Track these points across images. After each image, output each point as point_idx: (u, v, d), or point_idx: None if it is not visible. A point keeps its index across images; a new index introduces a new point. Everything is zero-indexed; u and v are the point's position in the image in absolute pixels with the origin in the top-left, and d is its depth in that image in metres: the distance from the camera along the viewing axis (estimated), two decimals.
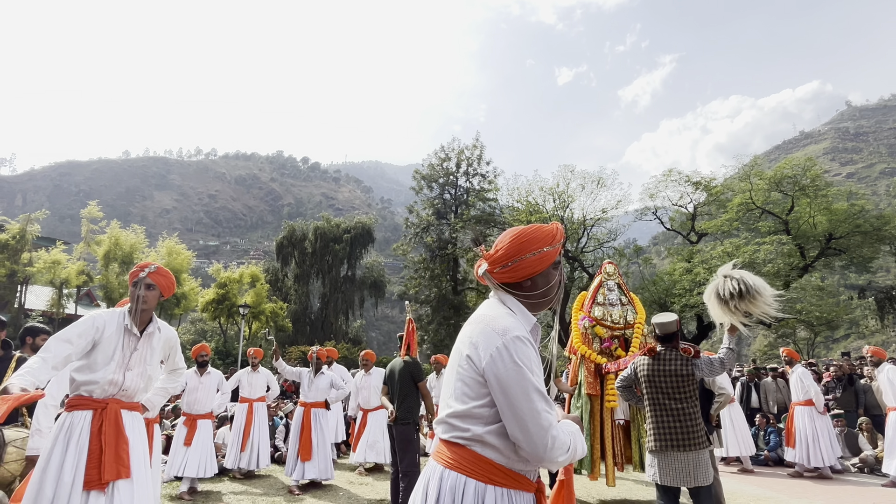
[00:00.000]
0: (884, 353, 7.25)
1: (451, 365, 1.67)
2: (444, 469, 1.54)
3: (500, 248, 1.69)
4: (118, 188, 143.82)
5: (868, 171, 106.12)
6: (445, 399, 1.64)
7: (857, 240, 20.03)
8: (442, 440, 1.61)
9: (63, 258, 23.56)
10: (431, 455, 1.66)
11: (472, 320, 1.68)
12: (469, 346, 1.58)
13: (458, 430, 1.55)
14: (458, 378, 1.58)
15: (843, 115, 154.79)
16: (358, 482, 6.90)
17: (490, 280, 1.71)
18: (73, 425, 2.72)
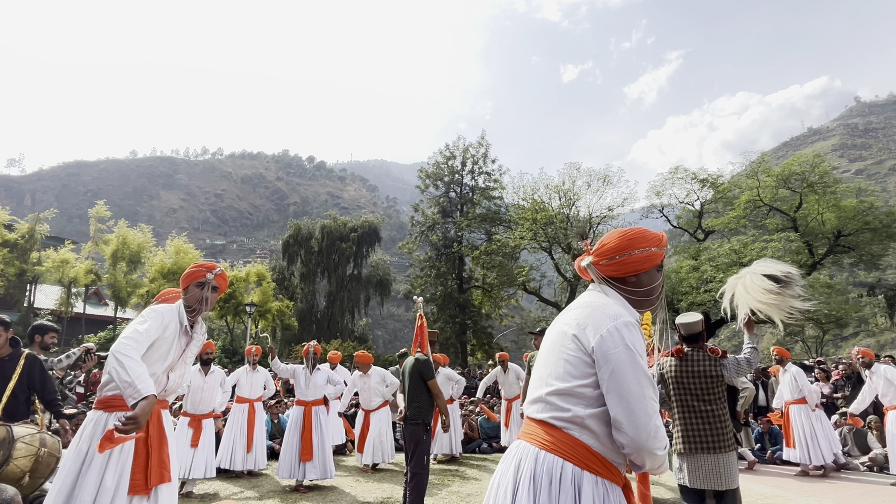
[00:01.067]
0: (872, 353, 7.22)
1: (550, 347, 1.68)
2: (539, 450, 1.53)
3: (607, 243, 1.77)
4: (126, 188, 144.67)
5: (877, 167, 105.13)
6: (544, 378, 1.64)
7: (866, 237, 19.85)
8: (536, 420, 1.60)
9: (71, 257, 23.74)
10: (520, 436, 1.65)
11: (575, 306, 1.72)
12: (575, 326, 1.60)
13: (559, 409, 1.55)
14: (562, 357, 1.59)
15: (851, 111, 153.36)
16: (364, 480, 6.91)
17: (594, 273, 1.78)
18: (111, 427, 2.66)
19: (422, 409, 4.75)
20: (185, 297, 2.89)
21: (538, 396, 1.62)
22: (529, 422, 1.64)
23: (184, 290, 2.91)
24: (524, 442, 1.60)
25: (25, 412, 4.24)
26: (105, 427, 2.56)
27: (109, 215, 25.59)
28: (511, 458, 1.61)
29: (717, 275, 19.70)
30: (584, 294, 1.79)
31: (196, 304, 2.88)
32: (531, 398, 1.65)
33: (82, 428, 2.62)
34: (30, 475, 3.65)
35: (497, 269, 26.18)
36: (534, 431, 1.59)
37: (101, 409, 2.66)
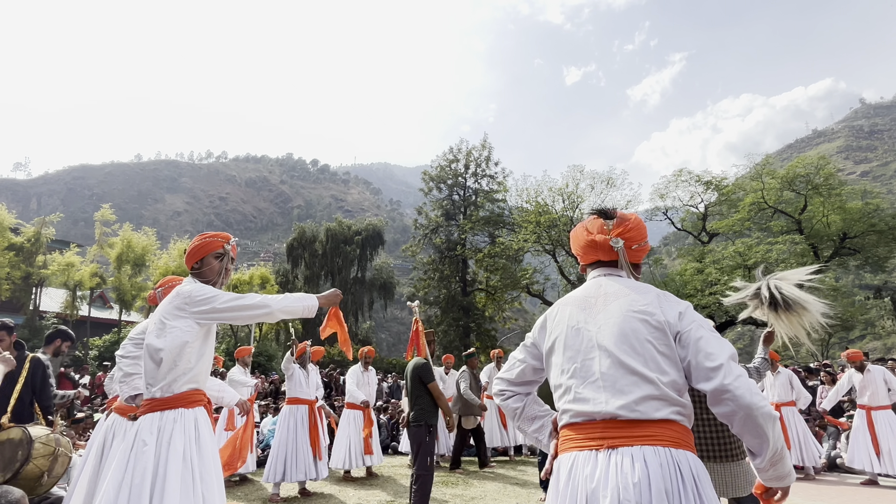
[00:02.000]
0: (861, 354, 7.26)
1: (619, 338, 1.55)
2: (673, 450, 1.44)
3: (632, 226, 1.74)
4: (130, 191, 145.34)
5: (883, 169, 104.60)
6: (629, 374, 1.50)
7: (872, 239, 19.76)
8: (650, 421, 1.46)
9: (77, 260, 23.83)
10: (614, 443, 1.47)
11: (613, 294, 1.64)
12: (655, 315, 1.55)
13: (676, 403, 1.49)
14: (651, 348, 1.51)
15: (856, 113, 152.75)
16: (365, 484, 6.89)
17: (623, 256, 1.72)
18: (201, 421, 2.49)
19: (424, 412, 4.79)
20: (201, 272, 2.64)
21: (645, 395, 1.47)
22: (631, 424, 1.46)
23: (197, 262, 2.65)
24: (644, 447, 1.44)
25: (31, 415, 4.26)
26: (196, 422, 2.41)
27: (114, 219, 25.69)
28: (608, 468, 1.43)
29: (722, 277, 19.64)
30: (605, 279, 1.71)
31: (215, 277, 2.66)
32: (642, 395, 1.47)
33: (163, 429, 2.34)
34: (47, 475, 3.72)
35: (500, 272, 26.16)
36: (654, 433, 1.45)
37: (181, 406, 2.42)
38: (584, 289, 1.75)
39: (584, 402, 1.54)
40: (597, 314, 1.63)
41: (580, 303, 1.69)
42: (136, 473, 2.25)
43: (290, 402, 6.32)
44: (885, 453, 6.64)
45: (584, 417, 1.54)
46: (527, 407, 1.87)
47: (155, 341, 2.43)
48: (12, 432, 3.72)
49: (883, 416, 6.78)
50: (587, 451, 1.50)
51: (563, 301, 1.78)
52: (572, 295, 1.76)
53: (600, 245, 1.75)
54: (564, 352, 1.65)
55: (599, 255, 1.77)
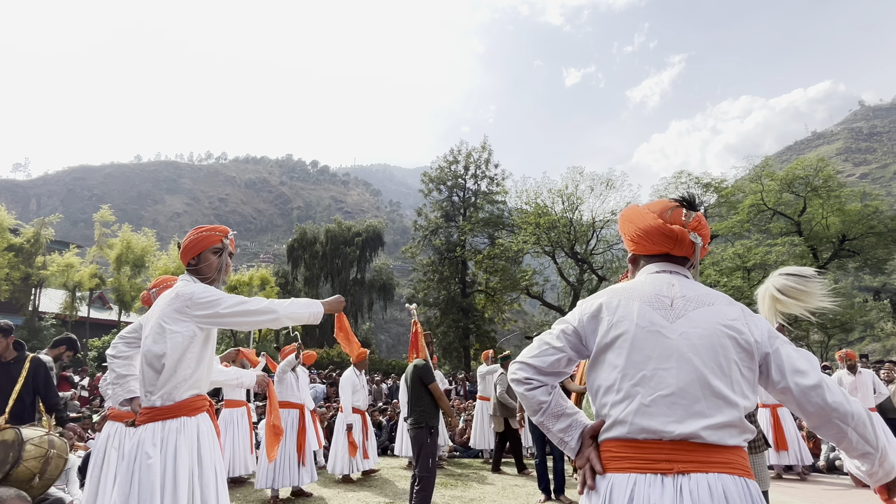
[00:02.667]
0: (855, 355, 7.32)
1: (705, 352, 1.40)
2: (743, 479, 1.35)
3: (705, 224, 1.61)
4: (130, 192, 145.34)
5: (882, 171, 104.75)
6: (723, 395, 1.37)
7: (871, 241, 19.79)
8: (724, 447, 1.35)
9: (76, 261, 23.83)
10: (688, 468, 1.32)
11: (694, 300, 1.48)
12: (732, 329, 1.42)
13: (748, 430, 1.39)
14: (735, 368, 1.39)
15: (856, 115, 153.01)
16: (362, 486, 6.89)
17: (697, 256, 1.59)
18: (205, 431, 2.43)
19: (425, 413, 4.77)
20: (198, 268, 2.51)
21: (727, 420, 1.34)
22: (704, 448, 1.33)
23: (194, 258, 2.52)
24: (722, 475, 1.32)
25: (31, 415, 4.27)
26: (198, 431, 2.35)
27: (114, 219, 25.69)
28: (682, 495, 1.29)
29: (721, 279, 19.67)
30: (674, 278, 1.55)
31: (214, 274, 2.54)
32: (723, 421, 1.35)
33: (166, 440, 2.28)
34: (39, 476, 3.69)
35: (500, 274, 26.18)
36: (729, 460, 1.34)
37: (183, 415, 2.33)
38: (651, 284, 1.54)
39: (652, 417, 1.36)
40: (676, 319, 1.44)
41: (652, 301, 1.48)
42: (143, 488, 2.18)
43: (281, 407, 6.14)
44: None
45: (650, 435, 1.36)
46: (554, 401, 1.59)
47: (154, 347, 2.32)
48: (6, 433, 3.70)
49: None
50: (651, 475, 1.32)
51: (622, 293, 1.54)
52: (635, 288, 1.54)
53: (678, 237, 1.56)
54: (630, 353, 1.43)
55: (670, 247, 1.58)
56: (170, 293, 2.44)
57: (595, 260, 25.12)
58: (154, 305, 2.55)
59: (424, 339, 5.20)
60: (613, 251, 25.48)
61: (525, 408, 1.62)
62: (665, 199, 1.66)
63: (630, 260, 1.73)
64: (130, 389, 3.09)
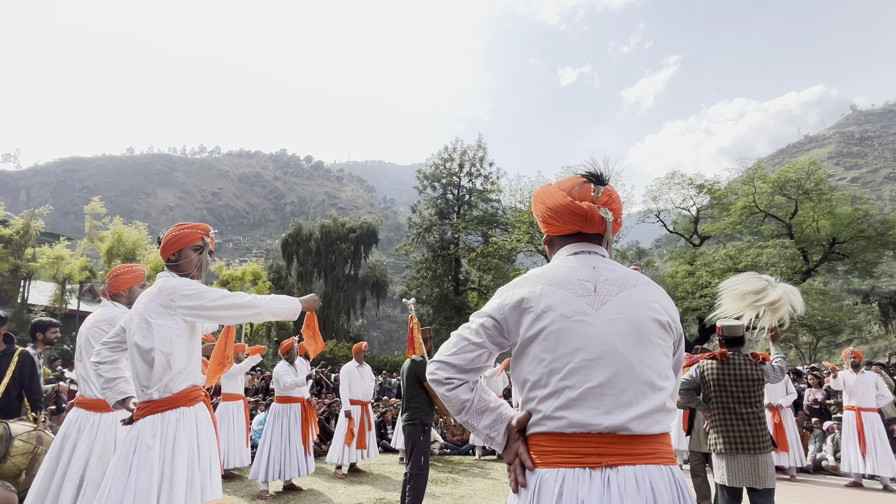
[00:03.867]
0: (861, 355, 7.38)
1: (630, 337, 1.35)
2: (673, 468, 1.34)
3: (615, 198, 1.54)
4: (122, 185, 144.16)
5: (873, 175, 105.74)
6: (649, 381, 1.33)
7: (860, 244, 19.97)
8: (650, 436, 1.32)
9: (66, 254, 23.61)
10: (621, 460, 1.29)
11: (617, 282, 1.43)
12: (664, 311, 1.41)
13: (671, 414, 1.37)
14: (659, 350, 1.37)
15: (848, 120, 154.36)
16: (353, 481, 6.89)
17: (610, 232, 1.50)
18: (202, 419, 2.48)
19: (419, 410, 4.74)
20: (178, 264, 2.54)
21: (654, 407, 1.32)
22: (630, 439, 1.30)
23: (174, 255, 2.55)
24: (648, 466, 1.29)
25: (18, 409, 4.23)
26: (196, 421, 2.39)
27: (105, 212, 25.47)
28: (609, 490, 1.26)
29: (713, 280, 19.77)
30: (595, 259, 1.49)
31: (193, 271, 2.56)
32: (652, 408, 1.32)
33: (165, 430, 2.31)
34: (26, 473, 3.66)
35: (493, 272, 26.21)
36: (655, 449, 1.32)
37: (182, 405, 2.38)
38: (571, 269, 1.45)
39: (580, 410, 1.31)
40: (601, 305, 1.37)
41: (575, 287, 1.40)
42: (140, 477, 2.20)
43: (281, 401, 6.29)
44: (871, 454, 6.74)
45: (578, 429, 1.31)
46: (477, 398, 1.50)
47: (143, 342, 2.34)
48: None
49: (870, 417, 6.89)
50: (579, 469, 1.28)
51: (543, 279, 1.44)
52: (557, 273, 1.45)
53: (587, 214, 1.47)
54: (556, 346, 1.36)
55: (581, 225, 1.49)
56: (152, 289, 2.47)
57: None
58: (137, 302, 2.56)
59: (423, 334, 5.11)
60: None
61: (448, 408, 1.53)
62: (575, 176, 1.57)
63: (545, 242, 1.66)
64: (121, 391, 3.05)
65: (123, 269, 3.47)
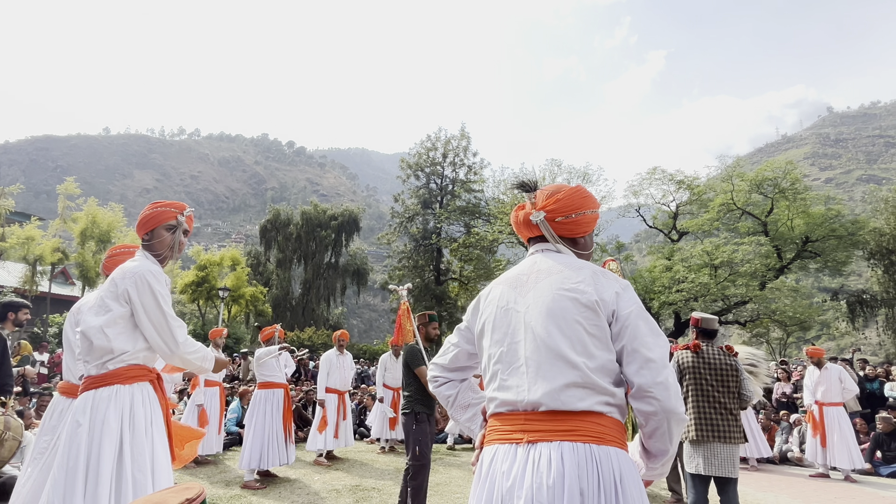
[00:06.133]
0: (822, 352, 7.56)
1: (546, 318, 1.42)
2: (592, 446, 1.32)
3: (561, 198, 1.59)
4: (97, 165, 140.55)
5: (846, 176, 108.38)
6: (554, 358, 1.38)
7: (832, 243, 20.48)
8: (571, 412, 1.34)
9: (37, 234, 22.98)
10: (530, 438, 1.35)
11: (545, 271, 1.51)
12: (590, 292, 1.42)
13: (602, 392, 1.36)
14: (581, 329, 1.39)
15: (824, 121, 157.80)
16: (329, 468, 6.89)
17: (547, 230, 1.59)
18: (145, 397, 2.34)
19: (411, 399, 4.52)
20: (151, 244, 2.47)
21: (569, 382, 1.35)
22: (553, 416, 1.35)
23: (147, 234, 2.49)
24: (563, 442, 1.32)
25: None
26: (132, 400, 2.28)
27: (79, 192, 24.81)
28: (526, 465, 1.33)
29: (689, 275, 20.13)
30: (541, 256, 1.59)
31: (166, 252, 2.49)
32: (564, 383, 1.36)
33: (96, 408, 2.23)
34: None
35: (475, 262, 26.29)
36: (576, 427, 1.33)
37: (117, 382, 2.28)
38: (520, 266, 1.63)
39: (508, 389, 1.43)
40: (526, 293, 1.50)
41: (512, 281, 1.57)
42: (70, 455, 2.16)
43: (264, 387, 6.16)
44: (831, 447, 6.97)
45: (509, 407, 1.42)
46: (460, 394, 1.75)
47: (92, 319, 2.30)
48: None
49: (833, 412, 7.10)
50: (508, 445, 1.39)
51: (497, 280, 1.65)
52: (507, 273, 1.64)
53: (522, 220, 1.64)
54: (493, 334, 1.52)
55: (524, 231, 1.66)
56: (119, 269, 2.41)
57: None
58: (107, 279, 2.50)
59: (419, 319, 4.87)
60: None
61: (441, 403, 1.76)
62: None
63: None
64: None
65: (120, 250, 3.35)
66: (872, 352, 37.84)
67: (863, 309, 24.03)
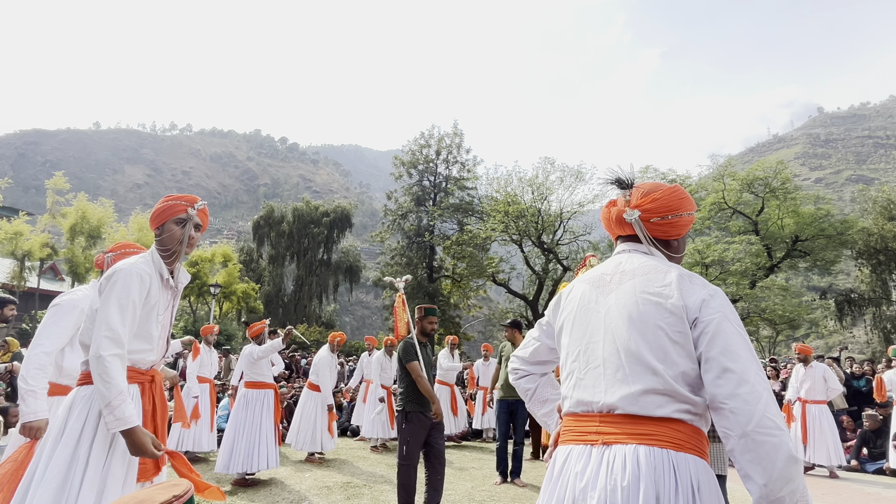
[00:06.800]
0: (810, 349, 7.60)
1: (629, 322, 1.40)
2: (673, 452, 1.29)
3: (658, 197, 1.54)
4: (87, 160, 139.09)
5: (835, 177, 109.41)
6: (635, 363, 1.36)
7: (821, 243, 20.70)
8: (650, 418, 1.32)
9: (26, 229, 22.75)
10: (608, 440, 1.34)
11: (630, 273, 1.48)
12: (673, 297, 1.37)
13: (683, 400, 1.32)
14: (663, 335, 1.35)
15: (814, 122, 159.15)
16: (310, 466, 6.89)
17: (641, 230, 1.55)
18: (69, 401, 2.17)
19: (403, 396, 4.42)
20: (160, 239, 2.35)
21: (648, 388, 1.33)
22: (630, 419, 1.33)
23: (157, 229, 2.38)
24: (639, 446, 1.30)
25: None
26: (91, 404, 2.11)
27: (69, 187, 24.57)
28: (600, 467, 1.32)
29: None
30: (627, 256, 1.56)
31: (176, 246, 2.34)
32: (637, 391, 1.34)
33: (69, 407, 2.13)
34: None
35: (467, 260, 26.30)
36: (655, 432, 1.31)
37: (86, 382, 2.14)
38: (604, 265, 1.60)
39: (585, 389, 1.43)
40: (609, 293, 1.48)
41: (595, 281, 1.55)
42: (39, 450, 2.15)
43: (252, 386, 5.93)
44: (811, 444, 7.07)
45: (584, 407, 1.42)
46: (539, 388, 1.78)
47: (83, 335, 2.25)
48: None
49: (816, 409, 7.18)
50: (582, 446, 1.39)
51: (580, 278, 1.64)
52: (591, 272, 1.62)
53: (611, 218, 1.63)
54: (572, 332, 1.53)
55: (616, 228, 1.63)
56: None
57: (561, 250, 25.45)
58: None
59: (417, 313, 4.70)
60: (579, 242, 25.87)
61: (520, 395, 1.82)
62: None
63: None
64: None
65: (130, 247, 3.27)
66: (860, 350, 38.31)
67: (851, 308, 24.32)
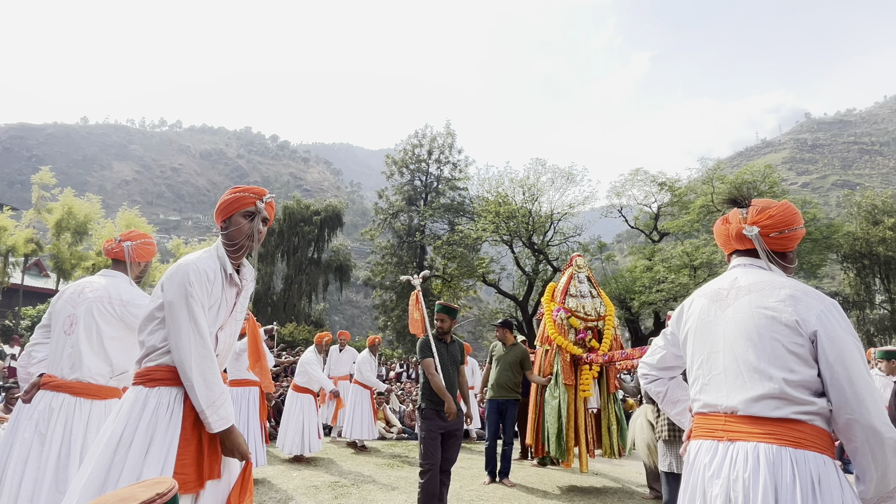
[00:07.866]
0: None
1: (748, 334, 1.56)
2: (792, 449, 1.43)
3: (775, 214, 1.69)
4: (74, 155, 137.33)
5: (821, 181, 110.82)
6: (754, 371, 1.52)
7: (807, 246, 20.96)
8: (773, 419, 1.48)
9: (10, 224, 22.41)
10: (735, 437, 1.52)
11: (745, 288, 1.63)
12: (789, 312, 1.51)
13: (802, 403, 1.46)
14: (781, 346, 1.50)
15: (802, 127, 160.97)
16: (298, 466, 6.86)
17: (760, 245, 1.70)
18: (160, 405, 1.94)
19: (420, 394, 4.32)
20: (227, 233, 2.23)
21: (763, 393, 1.49)
22: (750, 420, 1.50)
23: (223, 222, 2.26)
24: (760, 443, 1.47)
25: None
26: (145, 404, 1.93)
27: (55, 182, 24.23)
28: (724, 459, 1.51)
29: (670, 275, 20.43)
30: (742, 270, 1.70)
31: (243, 241, 2.24)
32: (760, 394, 1.50)
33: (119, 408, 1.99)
34: None
35: (458, 260, 26.31)
36: (776, 431, 1.46)
37: (141, 383, 1.99)
38: (720, 280, 1.75)
39: (710, 393, 1.63)
40: (726, 308, 1.65)
41: (713, 295, 1.72)
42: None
43: (237, 384, 5.89)
44: None
45: (710, 409, 1.63)
46: (669, 391, 1.98)
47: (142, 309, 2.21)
48: None
49: None
50: (710, 441, 1.59)
51: (698, 292, 1.81)
52: (708, 286, 1.77)
53: (728, 234, 1.77)
54: (694, 343, 1.72)
55: (734, 244, 1.77)
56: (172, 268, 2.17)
57: (551, 251, 25.54)
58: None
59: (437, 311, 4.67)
60: (569, 244, 25.98)
61: (653, 398, 2.08)
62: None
63: (727, 261, 1.93)
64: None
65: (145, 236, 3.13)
66: None
67: None
